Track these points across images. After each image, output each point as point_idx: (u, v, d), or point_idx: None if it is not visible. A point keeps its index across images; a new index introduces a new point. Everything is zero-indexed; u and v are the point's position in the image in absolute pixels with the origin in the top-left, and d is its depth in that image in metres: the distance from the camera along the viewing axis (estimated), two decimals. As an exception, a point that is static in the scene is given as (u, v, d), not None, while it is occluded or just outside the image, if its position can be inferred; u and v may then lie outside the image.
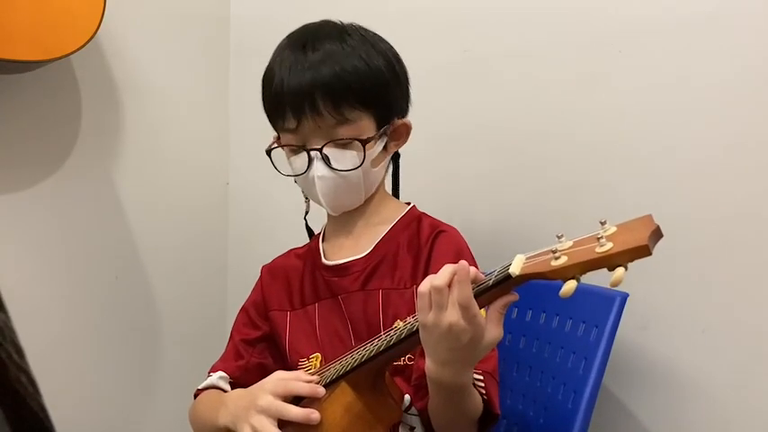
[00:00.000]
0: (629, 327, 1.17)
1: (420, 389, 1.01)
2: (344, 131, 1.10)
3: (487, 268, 0.88)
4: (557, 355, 1.18)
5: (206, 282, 1.80)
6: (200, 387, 1.20)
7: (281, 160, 1.18)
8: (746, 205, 1.17)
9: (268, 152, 1.16)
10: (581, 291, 1.18)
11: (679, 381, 1.22)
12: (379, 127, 1.14)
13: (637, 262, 1.29)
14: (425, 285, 0.86)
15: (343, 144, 1.10)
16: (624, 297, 1.13)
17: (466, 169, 1.47)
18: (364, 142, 1.11)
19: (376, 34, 1.18)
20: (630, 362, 1.25)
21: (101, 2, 1.40)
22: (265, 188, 1.73)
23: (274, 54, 1.16)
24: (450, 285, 0.84)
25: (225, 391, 1.17)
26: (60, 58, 1.38)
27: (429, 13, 1.51)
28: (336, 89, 1.08)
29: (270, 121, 1.17)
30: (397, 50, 1.19)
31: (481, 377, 1.00)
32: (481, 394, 0.99)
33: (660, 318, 1.24)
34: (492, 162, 1.43)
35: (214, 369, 1.21)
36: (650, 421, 1.25)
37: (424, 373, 0.93)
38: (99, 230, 1.61)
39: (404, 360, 1.08)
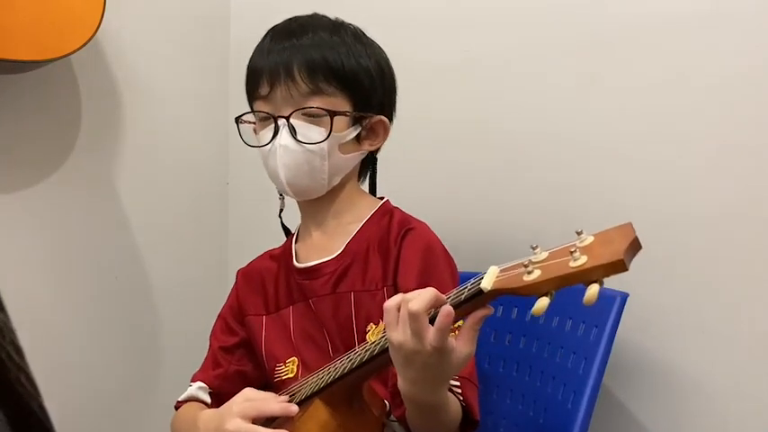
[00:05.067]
0: (629, 327, 1.17)
1: (397, 395, 0.97)
2: (315, 102, 1.09)
3: (483, 269, 0.86)
4: (557, 355, 1.18)
5: (206, 282, 1.79)
6: (180, 399, 1.18)
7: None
8: (746, 205, 1.17)
9: (236, 120, 1.16)
10: (581, 291, 1.18)
11: (679, 381, 1.22)
12: (353, 110, 1.12)
13: (637, 262, 1.29)
14: (393, 301, 0.83)
15: (312, 117, 1.09)
16: (624, 297, 1.13)
17: (464, 169, 1.46)
18: (332, 114, 1.09)
19: (373, 40, 1.18)
20: (630, 362, 1.25)
21: (101, 2, 1.40)
22: (265, 188, 1.73)
23: (258, 45, 1.17)
24: (419, 315, 0.80)
25: (204, 402, 1.16)
26: (60, 58, 1.38)
27: (429, 13, 1.51)
28: (316, 62, 1.09)
29: (247, 97, 1.17)
30: (398, 51, 1.19)
31: (458, 383, 0.98)
32: (459, 400, 0.97)
33: (660, 318, 1.24)
34: (491, 162, 1.43)
35: (194, 379, 1.19)
36: (650, 421, 1.25)
37: None
38: (99, 230, 1.61)
39: None
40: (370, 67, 1.14)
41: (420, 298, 0.81)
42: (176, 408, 1.19)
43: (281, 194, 1.22)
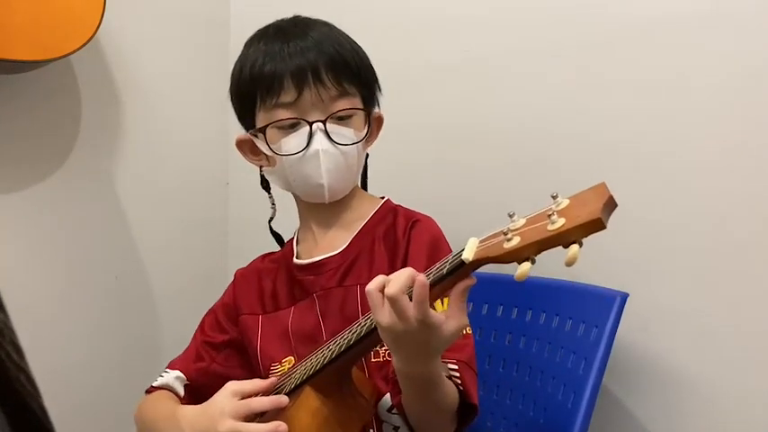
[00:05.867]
0: (629, 327, 1.17)
1: (396, 384, 0.98)
2: (344, 104, 1.09)
3: (484, 268, 0.86)
4: (557, 355, 1.18)
5: (206, 282, 1.79)
6: (154, 384, 1.16)
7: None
8: (747, 205, 1.17)
9: (262, 130, 1.11)
10: (581, 291, 1.19)
11: (679, 381, 1.22)
12: (365, 107, 1.13)
13: (637, 262, 1.29)
14: (373, 284, 0.84)
15: (342, 119, 1.10)
16: (624, 297, 1.13)
17: (465, 168, 1.47)
18: (367, 112, 1.12)
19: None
20: (630, 362, 1.25)
21: (101, 2, 1.40)
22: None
23: (248, 49, 1.15)
24: (401, 293, 0.81)
25: (177, 394, 1.14)
26: (60, 57, 1.38)
27: (429, 13, 1.51)
28: (339, 62, 1.09)
29: (248, 107, 1.13)
30: (398, 51, 1.20)
31: (456, 367, 0.98)
32: (456, 385, 0.97)
33: (660, 318, 1.24)
34: (491, 161, 1.43)
35: (172, 366, 1.18)
36: (650, 421, 1.25)
37: None
38: (99, 230, 1.61)
39: (383, 356, 1.06)
40: (366, 55, 1.15)
41: (395, 281, 0.82)
42: (147, 392, 1.17)
43: (272, 203, 1.22)
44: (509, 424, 1.24)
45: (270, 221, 1.24)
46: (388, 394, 1.04)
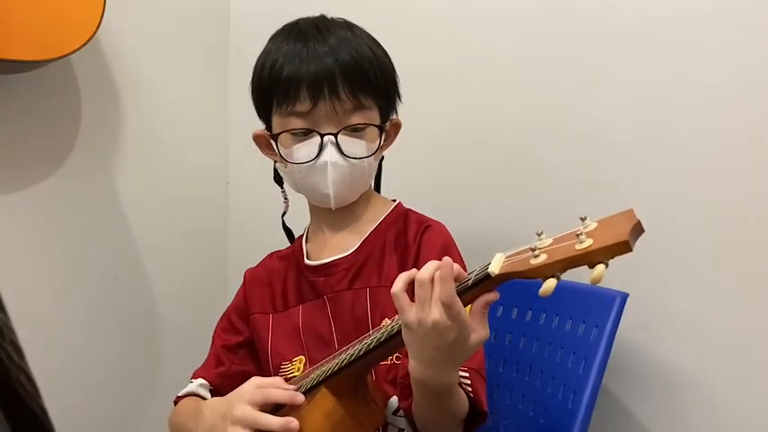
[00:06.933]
0: (629, 327, 1.18)
1: (405, 388, 0.99)
2: (358, 118, 1.09)
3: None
4: (557, 355, 1.18)
5: (206, 282, 1.79)
6: (179, 394, 1.18)
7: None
8: (747, 205, 1.17)
9: (275, 136, 1.12)
10: (581, 291, 1.19)
11: (679, 381, 1.22)
12: (382, 121, 1.14)
13: (637, 262, 1.29)
14: (398, 285, 0.86)
15: (355, 132, 1.09)
16: (624, 297, 1.13)
17: (465, 168, 1.47)
18: (380, 128, 1.12)
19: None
20: (630, 362, 1.25)
21: (101, 2, 1.40)
22: (265, 188, 1.73)
23: (271, 45, 1.15)
24: (432, 281, 0.83)
25: (204, 399, 1.15)
26: (60, 57, 1.38)
27: (429, 13, 1.51)
28: (355, 74, 1.08)
29: (265, 107, 1.13)
30: (399, 50, 1.19)
31: (467, 374, 0.99)
32: (467, 392, 0.98)
33: (660, 318, 1.24)
34: (491, 162, 1.43)
35: (195, 376, 1.19)
36: (650, 421, 1.26)
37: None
38: (99, 230, 1.61)
39: (391, 360, 1.06)
40: (388, 60, 1.15)
41: (422, 269, 0.84)
42: (175, 403, 1.18)
43: (285, 197, 1.22)
44: (509, 424, 1.24)
45: (283, 216, 1.24)
46: (395, 397, 1.04)
